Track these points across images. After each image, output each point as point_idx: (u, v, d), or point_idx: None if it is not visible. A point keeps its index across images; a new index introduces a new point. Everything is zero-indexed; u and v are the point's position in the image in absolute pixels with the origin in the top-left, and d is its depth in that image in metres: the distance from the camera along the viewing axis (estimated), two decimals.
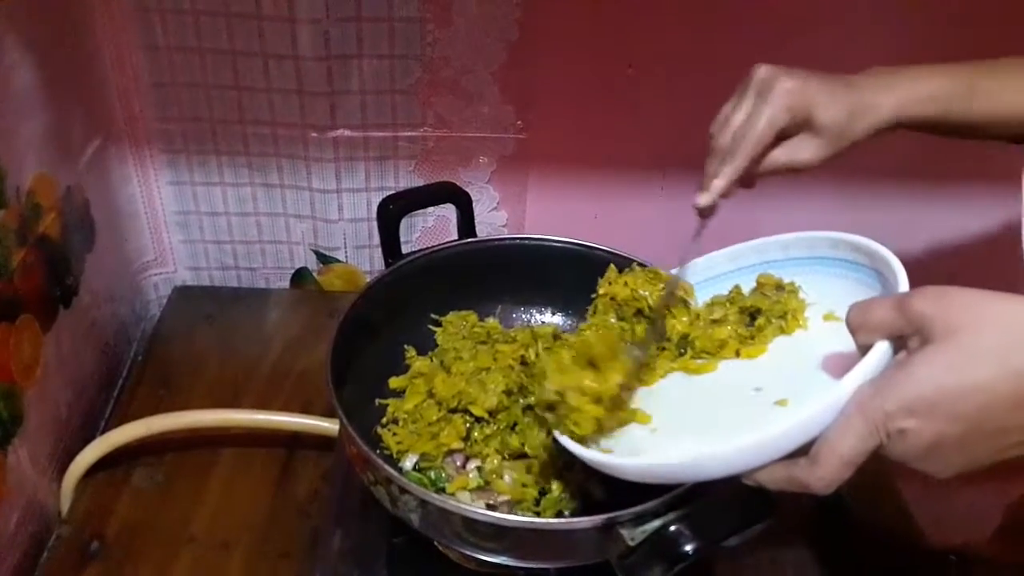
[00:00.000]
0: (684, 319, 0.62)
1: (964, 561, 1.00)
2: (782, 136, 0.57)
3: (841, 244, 0.56)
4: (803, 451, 0.44)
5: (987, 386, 0.39)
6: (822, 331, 0.56)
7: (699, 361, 0.60)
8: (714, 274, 0.65)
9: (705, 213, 0.59)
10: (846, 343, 0.46)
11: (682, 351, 0.62)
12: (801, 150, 0.57)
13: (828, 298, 0.56)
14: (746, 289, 0.62)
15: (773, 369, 0.56)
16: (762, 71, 0.57)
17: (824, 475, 0.43)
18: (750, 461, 0.45)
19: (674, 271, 0.64)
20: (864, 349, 0.44)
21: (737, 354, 0.59)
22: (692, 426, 0.54)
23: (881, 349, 0.43)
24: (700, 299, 0.64)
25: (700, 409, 0.56)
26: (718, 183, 0.57)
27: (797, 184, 0.94)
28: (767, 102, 0.55)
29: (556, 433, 0.54)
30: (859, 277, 0.54)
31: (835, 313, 0.55)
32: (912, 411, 0.40)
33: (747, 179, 0.59)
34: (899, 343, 0.43)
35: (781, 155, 0.58)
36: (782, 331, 0.58)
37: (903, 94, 0.57)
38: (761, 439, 0.44)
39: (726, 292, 0.63)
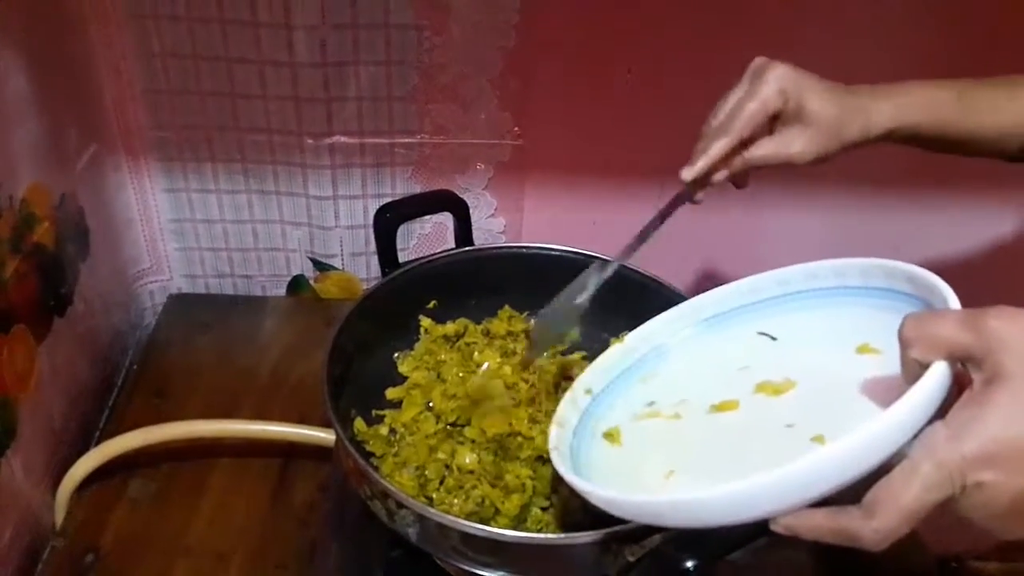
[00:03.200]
0: None
1: (965, 569, 1.00)
2: (774, 125, 0.57)
3: (873, 271, 0.51)
4: (842, 498, 0.39)
5: None
6: (857, 364, 0.49)
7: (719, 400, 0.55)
8: (729, 307, 0.60)
9: (689, 193, 0.59)
10: (888, 372, 0.42)
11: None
12: (793, 141, 0.56)
13: (860, 331, 0.50)
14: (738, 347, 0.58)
15: (805, 404, 0.50)
16: (758, 60, 0.57)
17: (881, 527, 0.36)
18: (772, 504, 0.39)
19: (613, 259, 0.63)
20: (914, 369, 0.38)
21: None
22: (716, 468, 0.50)
23: (939, 370, 0.37)
24: (715, 337, 0.60)
25: (725, 449, 0.51)
26: (703, 159, 0.56)
27: (800, 192, 0.95)
28: (760, 84, 0.55)
29: (553, 457, 0.53)
30: (896, 307, 0.48)
31: (871, 345, 0.49)
32: (994, 460, 0.35)
33: (740, 176, 0.59)
34: (956, 367, 0.37)
35: (772, 145, 0.57)
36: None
37: (898, 100, 0.57)
38: (784, 477, 0.37)
39: (744, 330, 0.58)
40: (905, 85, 0.58)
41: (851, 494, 0.39)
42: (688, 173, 0.57)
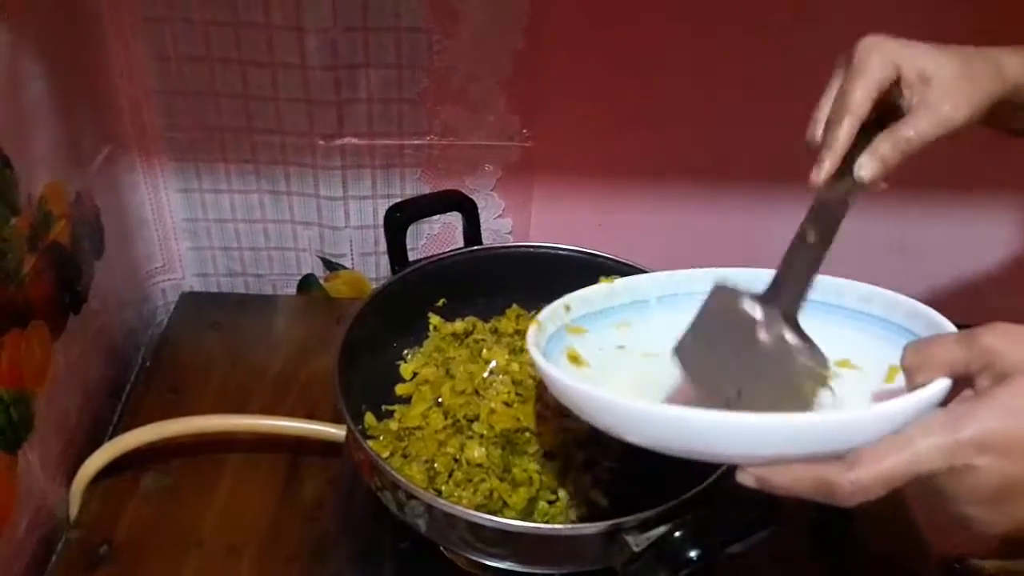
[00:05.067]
0: None
1: (968, 570, 1.00)
2: (901, 106, 0.50)
3: (875, 298, 0.52)
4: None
5: None
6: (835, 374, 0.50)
7: None
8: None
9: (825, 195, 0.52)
10: (865, 386, 0.44)
11: None
12: (938, 105, 0.49)
13: (842, 347, 0.52)
14: None
15: None
16: (858, 48, 0.50)
17: (858, 480, 0.37)
18: (745, 448, 0.40)
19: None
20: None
21: None
22: None
23: (943, 384, 0.39)
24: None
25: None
26: (830, 154, 0.50)
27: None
28: (861, 63, 0.49)
29: (532, 352, 0.52)
30: (885, 335, 0.50)
31: (851, 361, 0.51)
32: (987, 446, 0.36)
33: (888, 168, 0.50)
34: (961, 384, 0.39)
35: (923, 115, 0.49)
36: None
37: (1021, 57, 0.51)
38: (781, 423, 0.39)
39: None
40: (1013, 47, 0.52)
41: None
42: (818, 175, 0.51)
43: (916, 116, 0.50)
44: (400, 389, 0.70)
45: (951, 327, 0.44)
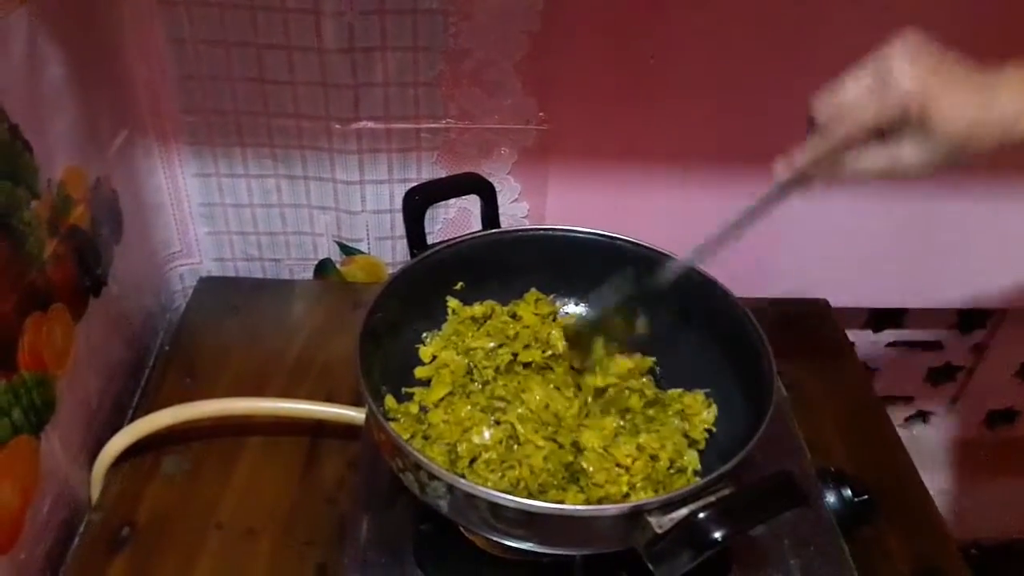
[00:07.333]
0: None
1: (985, 554, 1.00)
2: (887, 131, 0.51)
3: None
4: None
5: None
6: None
7: None
8: None
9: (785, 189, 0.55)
10: None
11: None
12: (906, 153, 0.50)
13: None
14: None
15: None
16: (897, 48, 0.49)
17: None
18: None
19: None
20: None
21: None
22: None
23: None
24: None
25: None
26: (797, 159, 0.53)
27: None
28: (883, 90, 0.49)
29: None
30: None
31: None
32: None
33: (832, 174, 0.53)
34: None
35: (880, 157, 0.51)
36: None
37: None
38: None
39: None
40: None
41: None
42: (781, 168, 0.55)
43: (876, 152, 0.52)
44: (419, 372, 0.70)
45: None
